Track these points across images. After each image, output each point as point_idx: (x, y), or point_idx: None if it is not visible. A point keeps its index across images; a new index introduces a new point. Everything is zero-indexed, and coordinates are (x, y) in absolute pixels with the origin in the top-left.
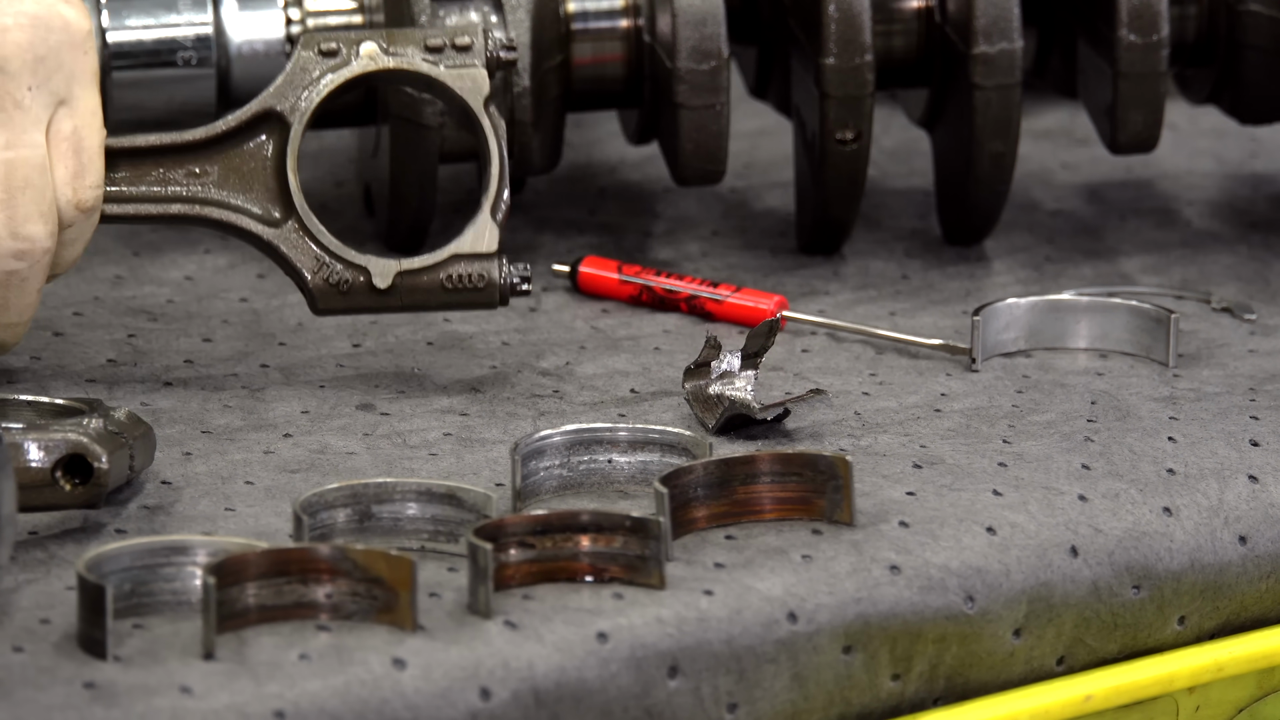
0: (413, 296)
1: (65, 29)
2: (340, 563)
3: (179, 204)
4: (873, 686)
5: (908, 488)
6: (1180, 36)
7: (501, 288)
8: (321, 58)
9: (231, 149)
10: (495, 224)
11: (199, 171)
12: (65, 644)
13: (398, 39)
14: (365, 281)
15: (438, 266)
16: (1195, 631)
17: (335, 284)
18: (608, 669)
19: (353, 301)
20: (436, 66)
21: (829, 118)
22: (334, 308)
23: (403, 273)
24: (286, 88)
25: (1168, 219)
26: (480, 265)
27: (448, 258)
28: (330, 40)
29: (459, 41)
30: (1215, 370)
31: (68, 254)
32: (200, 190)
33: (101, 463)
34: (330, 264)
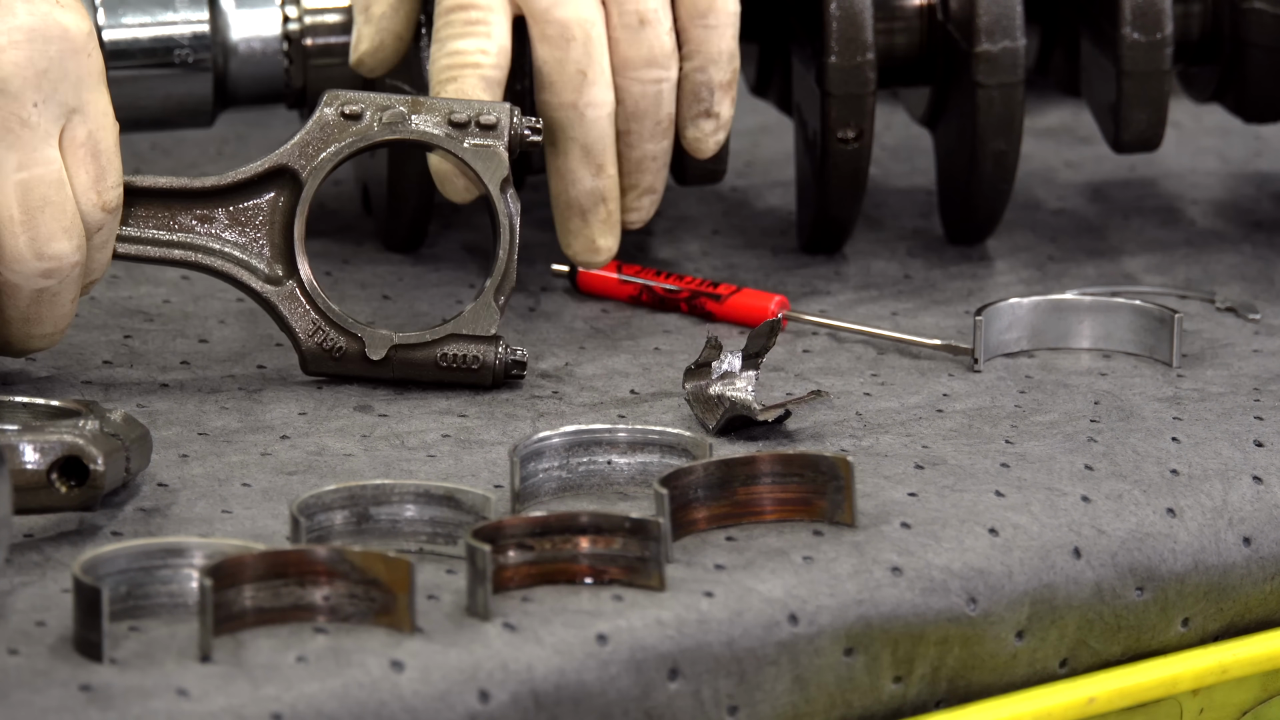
0: (405, 370)
1: (64, 37)
2: (338, 565)
3: (181, 250)
4: (874, 689)
5: (909, 489)
6: (1184, 34)
7: (495, 371)
8: (343, 120)
9: (241, 201)
10: (497, 308)
11: (205, 219)
12: (61, 646)
13: (423, 108)
14: (359, 351)
15: (434, 344)
16: (1199, 633)
17: (328, 350)
18: (607, 671)
19: (343, 368)
20: (460, 142)
21: (830, 116)
22: (323, 370)
23: (397, 346)
24: (304, 146)
25: (1171, 218)
26: (477, 347)
27: (445, 336)
28: (355, 103)
29: (484, 120)
30: (1219, 370)
31: (100, 257)
32: (205, 239)
33: (97, 465)
34: (326, 330)
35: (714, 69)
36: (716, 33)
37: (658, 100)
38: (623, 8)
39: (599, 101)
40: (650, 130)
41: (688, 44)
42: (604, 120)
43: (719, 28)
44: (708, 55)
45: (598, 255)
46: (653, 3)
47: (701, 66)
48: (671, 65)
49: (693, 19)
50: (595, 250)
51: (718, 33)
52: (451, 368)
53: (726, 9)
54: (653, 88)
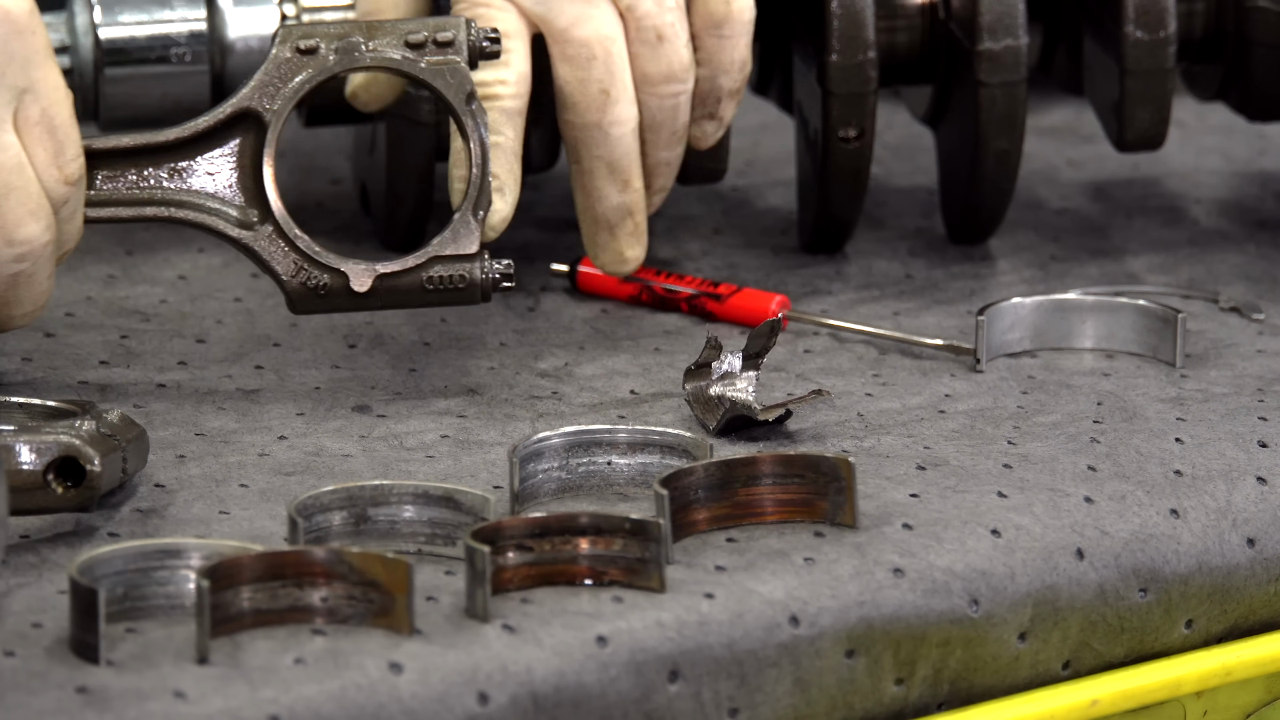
0: (392, 298)
1: (6, 19)
2: (336, 566)
3: (154, 206)
4: (876, 691)
5: (911, 490)
6: (1187, 33)
7: (483, 286)
8: (299, 55)
9: (207, 149)
10: (476, 223)
11: (175, 172)
12: (57, 648)
13: (378, 33)
14: (343, 284)
15: (418, 268)
16: (1203, 635)
17: (313, 287)
18: (607, 673)
19: (331, 304)
20: (417, 63)
21: (832, 115)
22: (312, 309)
23: (382, 275)
24: (263, 86)
25: (1175, 217)
26: (461, 265)
27: (428, 259)
28: (308, 37)
29: (440, 36)
30: (1223, 371)
31: (70, 228)
32: (176, 191)
33: (94, 465)
34: (307, 269)
35: (725, 78)
36: (730, 43)
37: (675, 111)
38: (641, 23)
39: (623, 119)
40: (666, 139)
41: (701, 51)
42: (629, 137)
43: (733, 38)
44: (720, 65)
45: (625, 266)
46: (669, 16)
47: (712, 75)
48: (689, 77)
49: (707, 29)
50: (624, 261)
51: (731, 43)
52: (439, 289)
53: (742, 19)
54: (670, 101)
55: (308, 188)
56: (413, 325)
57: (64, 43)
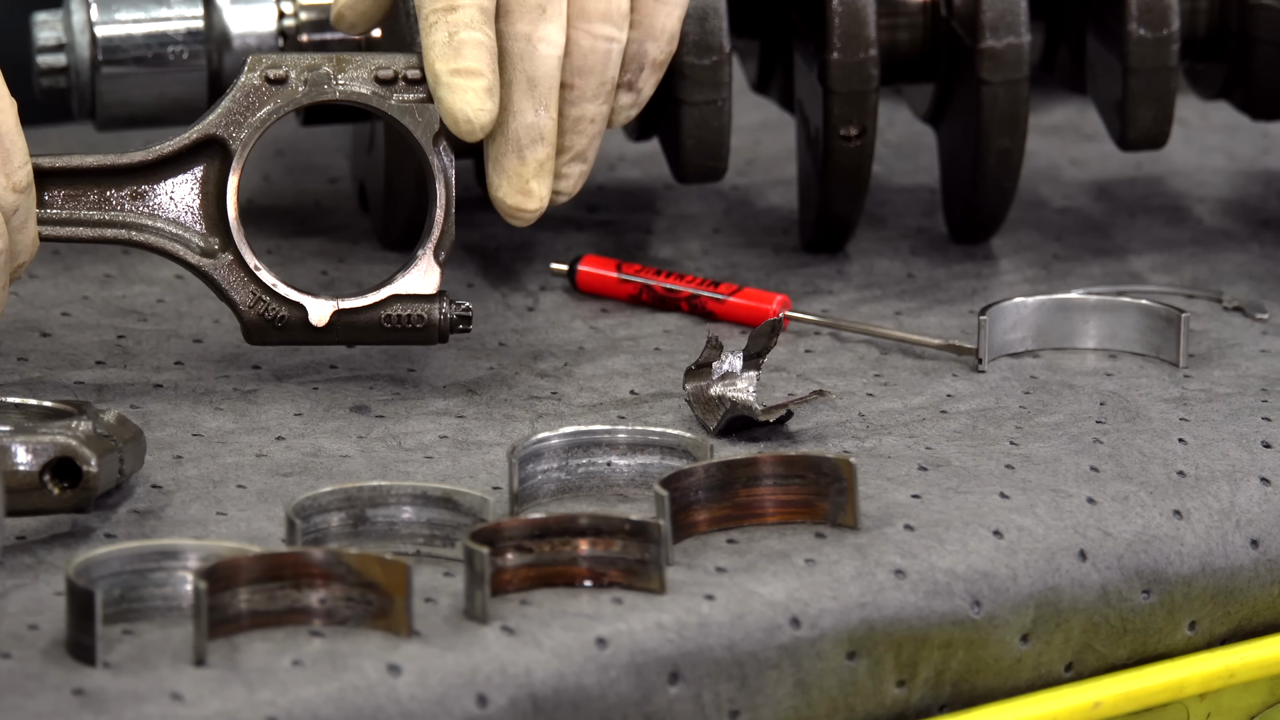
0: (350, 334)
1: None
2: (334, 567)
3: (114, 228)
4: (877, 693)
5: (913, 490)
6: (1191, 31)
7: (441, 327)
8: (268, 85)
9: (170, 174)
10: (437, 265)
11: (137, 195)
12: (54, 650)
13: (348, 66)
14: (301, 318)
15: (377, 306)
16: (1206, 637)
17: (270, 319)
18: (607, 675)
19: (288, 336)
20: (386, 100)
21: (833, 113)
22: (268, 341)
23: (340, 311)
24: (230, 114)
25: (1178, 216)
26: (420, 306)
27: (387, 298)
28: (278, 66)
29: (410, 74)
30: (1227, 371)
31: (22, 239)
32: (137, 214)
33: (90, 466)
34: (265, 300)
35: (652, 44)
36: (665, 9)
37: (605, 60)
38: None
39: (552, 40)
40: (594, 90)
41: (635, 12)
42: (554, 60)
43: (670, 5)
44: (649, 29)
45: (529, 200)
46: None
47: (640, 39)
48: (624, 27)
49: None
50: (527, 192)
51: (666, 9)
52: (397, 328)
53: None
54: (603, 44)
55: (305, 186)
56: None
57: (60, 40)
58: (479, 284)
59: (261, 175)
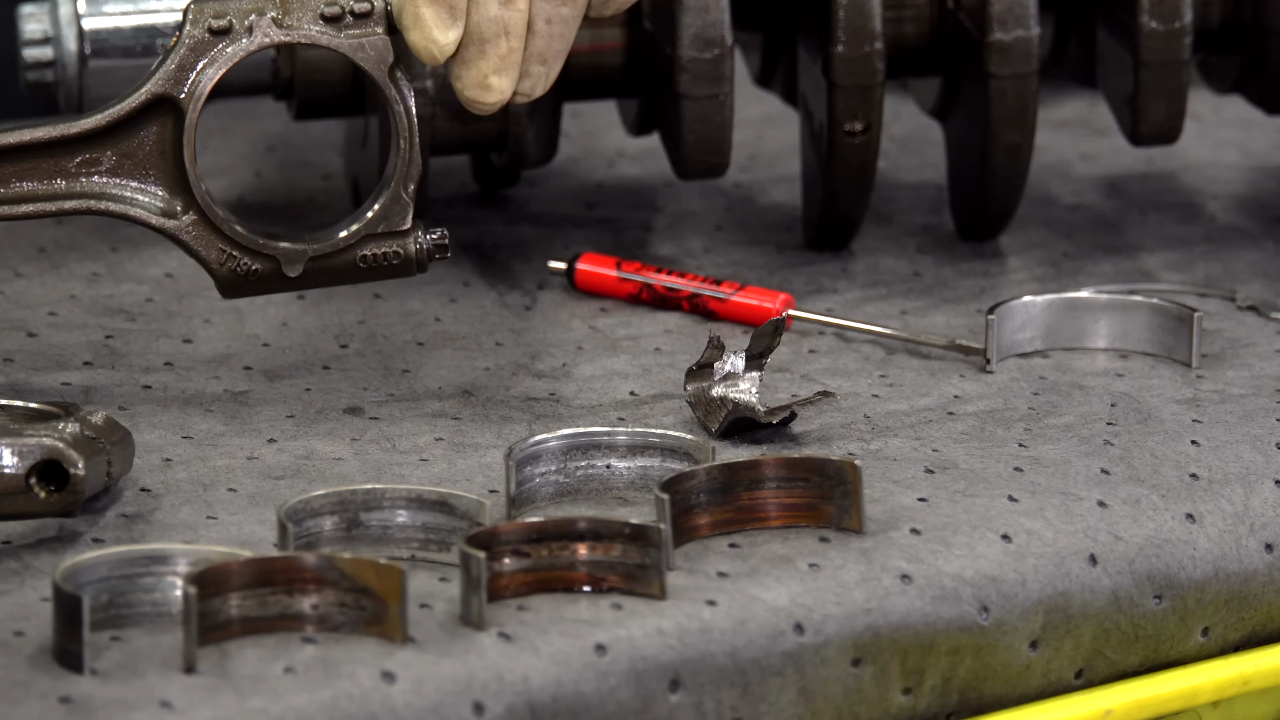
0: (325, 278)
1: None
2: (327, 572)
3: (73, 199)
4: (883, 701)
5: (919, 493)
6: (1203, 23)
7: (419, 258)
8: (213, 36)
9: (124, 138)
10: (407, 197)
11: (91, 162)
12: (40, 657)
13: (292, 7)
14: (274, 269)
15: (350, 248)
16: (1219, 643)
17: (243, 274)
18: (606, 682)
19: (263, 288)
20: (336, 36)
21: (837, 108)
22: (243, 293)
23: (314, 258)
24: (178, 70)
25: (1191, 213)
26: (394, 241)
27: (360, 238)
28: (220, 16)
29: (357, 8)
30: (1240, 371)
31: None
32: (94, 183)
33: (78, 469)
34: (236, 255)
35: None
36: None
37: None
38: None
39: None
40: None
41: None
42: None
43: None
44: None
45: (488, 94)
46: None
47: None
48: None
49: None
50: (486, 87)
51: None
52: (373, 267)
53: None
54: None
55: (298, 183)
56: (406, 324)
57: (46, 33)
58: (475, 282)
59: (254, 171)
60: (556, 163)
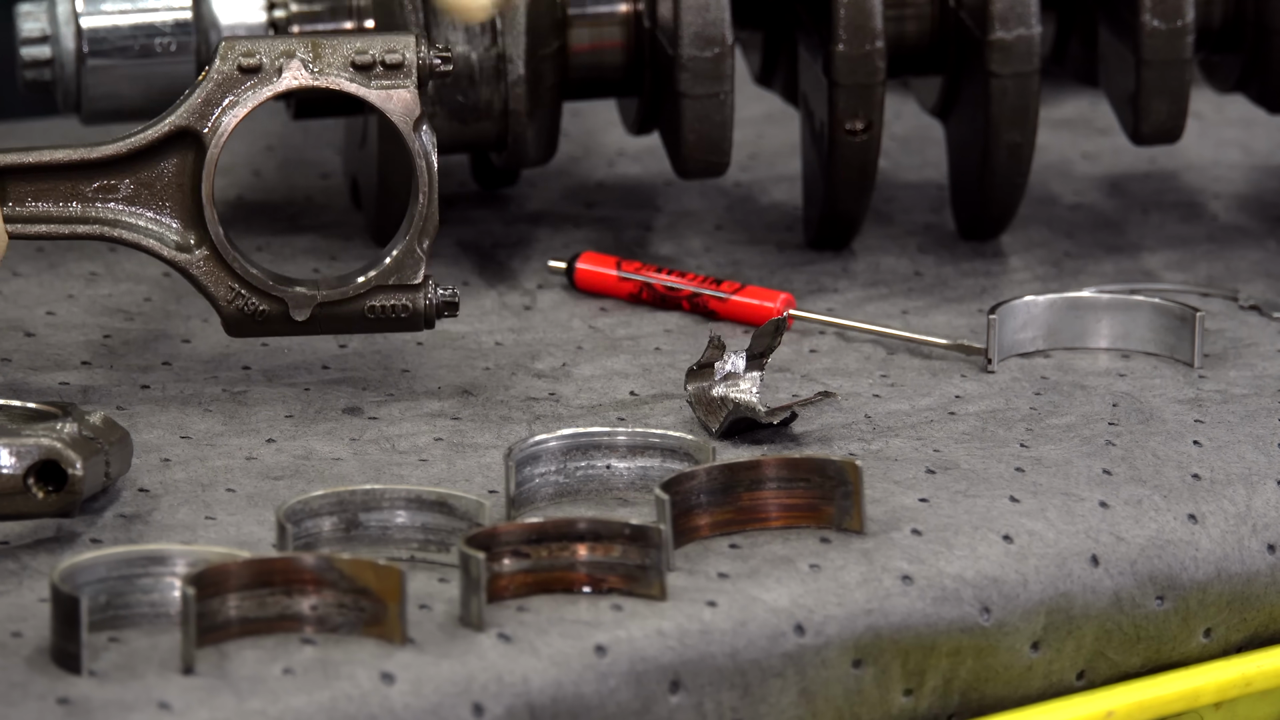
0: (333, 325)
1: None
2: (326, 573)
3: (86, 224)
4: (884, 702)
5: (920, 494)
6: (1206, 22)
7: (427, 314)
8: (241, 74)
9: (143, 167)
10: (421, 253)
11: (108, 189)
12: (38, 658)
13: (324, 52)
14: (282, 312)
15: (359, 297)
16: (1222, 644)
17: (250, 314)
18: (606, 684)
19: (268, 330)
20: (364, 86)
21: (838, 107)
22: (248, 334)
23: (321, 304)
24: (204, 105)
25: (1193, 213)
26: (404, 295)
27: (370, 289)
28: (251, 54)
29: (389, 59)
30: (1243, 371)
31: None
32: (109, 210)
33: (76, 469)
34: (245, 295)
35: None
36: None
37: None
38: None
39: None
40: None
41: None
42: None
43: None
44: None
45: None
46: None
47: None
48: None
49: None
50: None
51: None
52: (381, 318)
53: None
54: None
55: (296, 182)
56: None
57: (44, 32)
58: (475, 282)
59: (252, 171)
60: (556, 162)
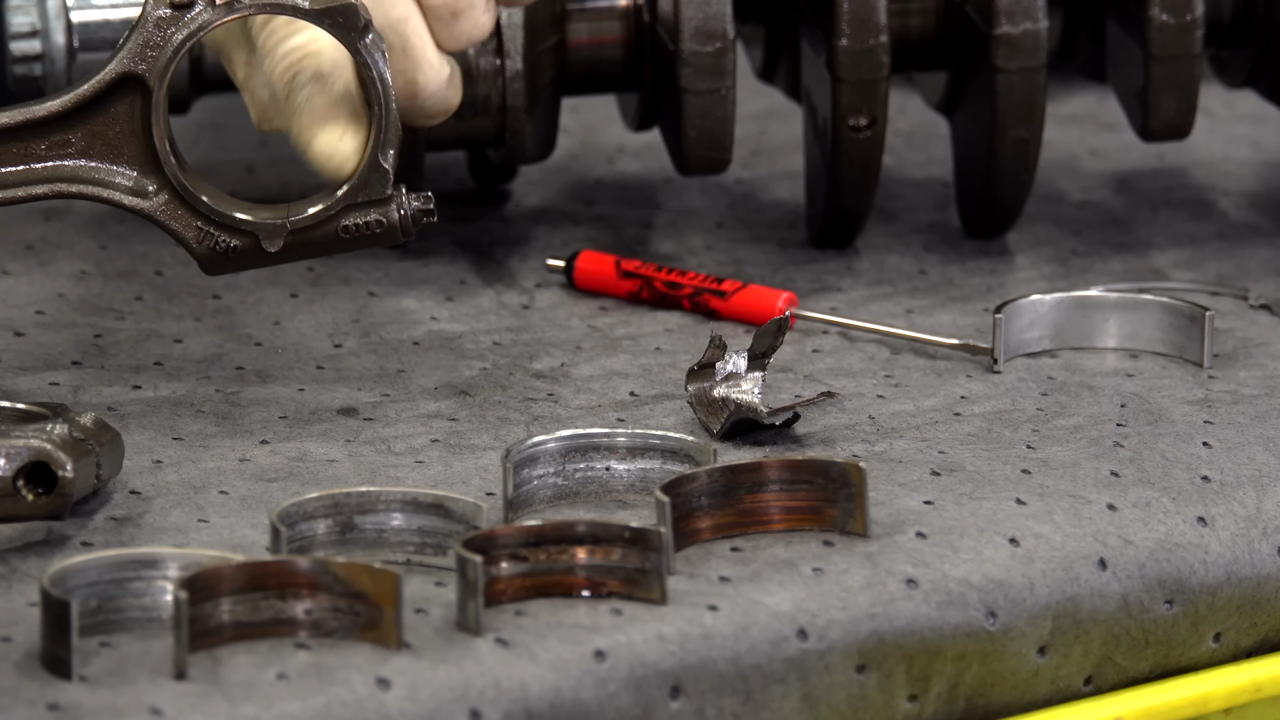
0: (308, 251)
1: None
2: (320, 577)
3: (44, 184)
4: (888, 708)
5: (925, 496)
6: (1215, 16)
7: (403, 225)
8: (175, 10)
9: (93, 118)
10: (386, 165)
11: (61, 144)
12: (28, 663)
13: None
14: (254, 244)
15: (331, 220)
16: (1232, 649)
17: (222, 251)
18: (605, 689)
19: (244, 264)
20: (301, 3)
21: (842, 103)
22: (225, 270)
23: (294, 231)
24: (143, 47)
25: (1202, 210)
26: (376, 210)
27: (341, 208)
28: None
29: None
30: (1253, 371)
31: None
32: (64, 167)
33: (66, 471)
34: (214, 233)
35: None
36: None
37: None
38: None
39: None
40: None
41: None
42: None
43: None
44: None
45: None
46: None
47: None
48: None
49: None
50: None
51: None
52: (356, 236)
53: None
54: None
55: (290, 178)
56: (401, 324)
57: (34, 26)
58: (472, 281)
59: (245, 166)
60: (555, 159)
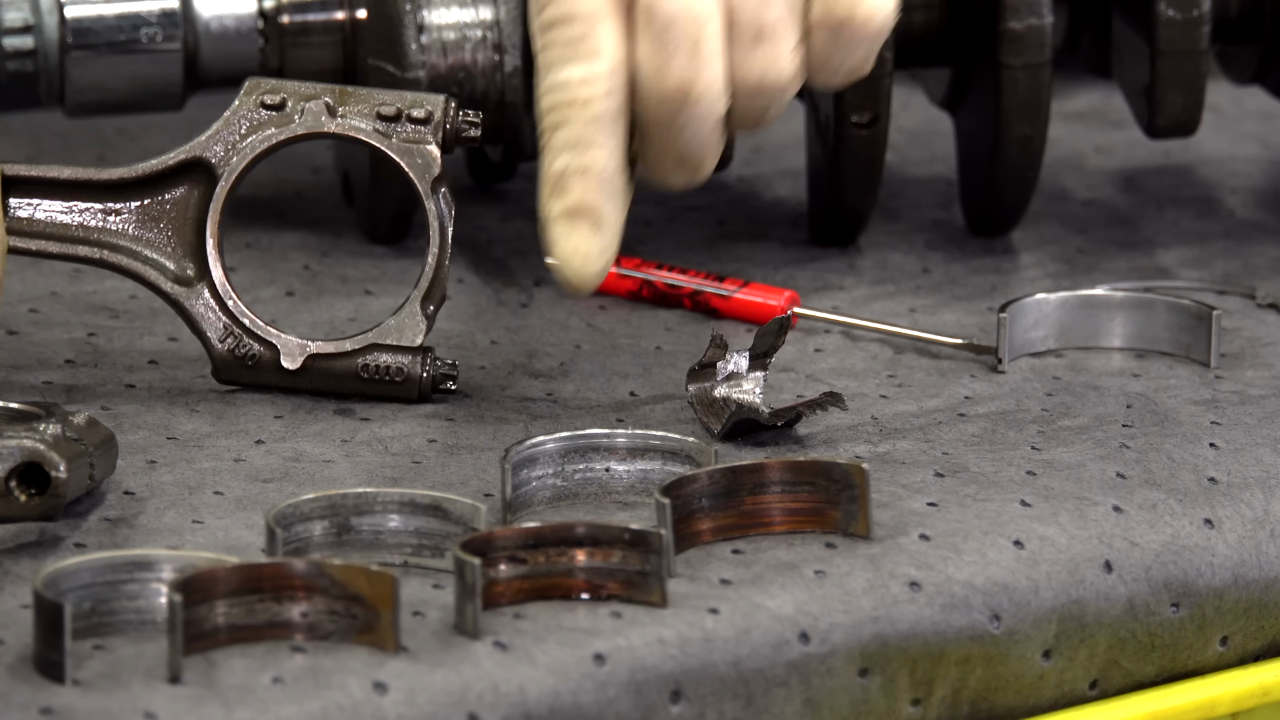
0: (324, 380)
1: None
2: (317, 579)
3: (86, 245)
4: (891, 712)
5: (929, 498)
6: (1223, 12)
7: (421, 384)
8: (263, 110)
9: (151, 194)
10: (424, 317)
11: (112, 213)
12: (20, 666)
13: (349, 99)
14: (273, 359)
15: (354, 353)
16: (1239, 653)
17: (241, 357)
18: (605, 693)
19: (258, 377)
20: (387, 139)
21: (844, 99)
22: (237, 379)
23: (315, 355)
24: (220, 137)
25: (1209, 208)
26: (400, 358)
27: (366, 345)
28: (275, 93)
29: (415, 113)
30: (1260, 371)
31: None
32: (111, 235)
33: (59, 472)
34: (238, 335)
35: None
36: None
37: None
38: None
39: None
40: None
41: None
42: None
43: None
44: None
45: None
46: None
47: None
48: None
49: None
50: None
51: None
52: (374, 379)
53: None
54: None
55: (286, 177)
56: None
57: (27, 22)
58: (470, 279)
59: None
60: None
